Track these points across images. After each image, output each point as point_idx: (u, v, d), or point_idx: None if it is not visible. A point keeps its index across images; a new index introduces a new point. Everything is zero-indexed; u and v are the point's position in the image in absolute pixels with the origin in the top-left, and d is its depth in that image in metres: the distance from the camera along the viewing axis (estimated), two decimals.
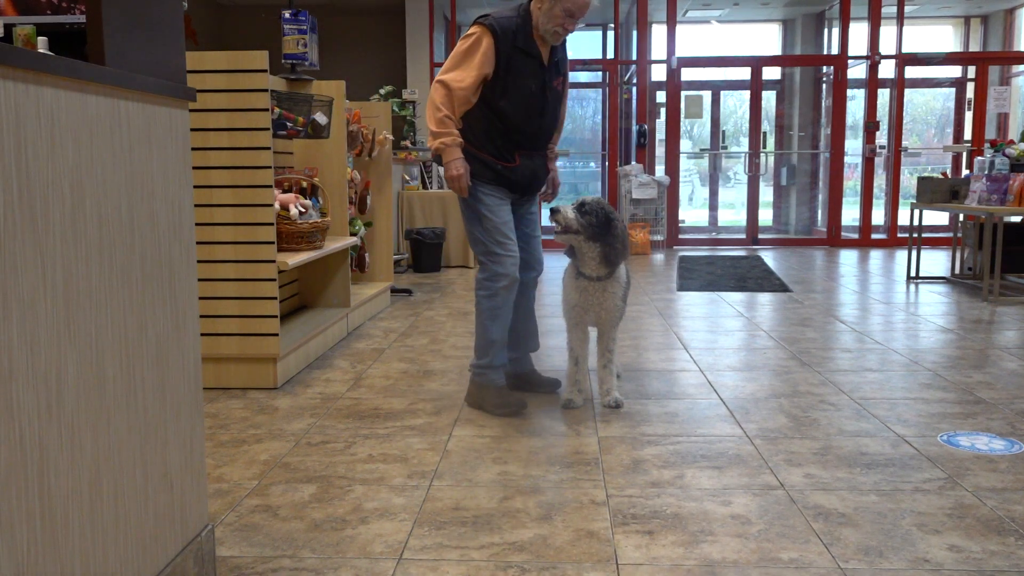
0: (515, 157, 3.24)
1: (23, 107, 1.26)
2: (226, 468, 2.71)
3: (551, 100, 3.28)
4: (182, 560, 1.78)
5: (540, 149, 3.35)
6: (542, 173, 3.39)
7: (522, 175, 3.28)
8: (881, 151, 10.80)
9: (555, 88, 3.29)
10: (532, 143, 3.28)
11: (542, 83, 3.22)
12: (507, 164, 3.23)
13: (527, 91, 3.18)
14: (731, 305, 5.94)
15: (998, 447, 2.86)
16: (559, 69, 3.30)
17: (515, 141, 3.23)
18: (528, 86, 3.17)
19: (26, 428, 1.26)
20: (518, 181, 3.27)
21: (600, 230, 3.16)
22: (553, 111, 3.32)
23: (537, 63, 3.19)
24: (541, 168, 3.37)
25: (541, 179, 3.40)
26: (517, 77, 3.16)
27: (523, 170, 3.27)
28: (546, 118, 3.28)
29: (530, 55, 3.17)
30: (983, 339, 4.67)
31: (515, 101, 3.17)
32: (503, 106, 3.17)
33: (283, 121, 4.05)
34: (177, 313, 1.77)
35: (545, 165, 3.41)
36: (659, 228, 10.25)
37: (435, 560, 2.06)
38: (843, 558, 2.05)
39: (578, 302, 3.29)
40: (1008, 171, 6.57)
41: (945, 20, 12.67)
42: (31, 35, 2.03)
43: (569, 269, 3.35)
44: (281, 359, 3.73)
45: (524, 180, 3.29)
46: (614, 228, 3.17)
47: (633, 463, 2.72)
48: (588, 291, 3.26)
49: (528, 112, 3.21)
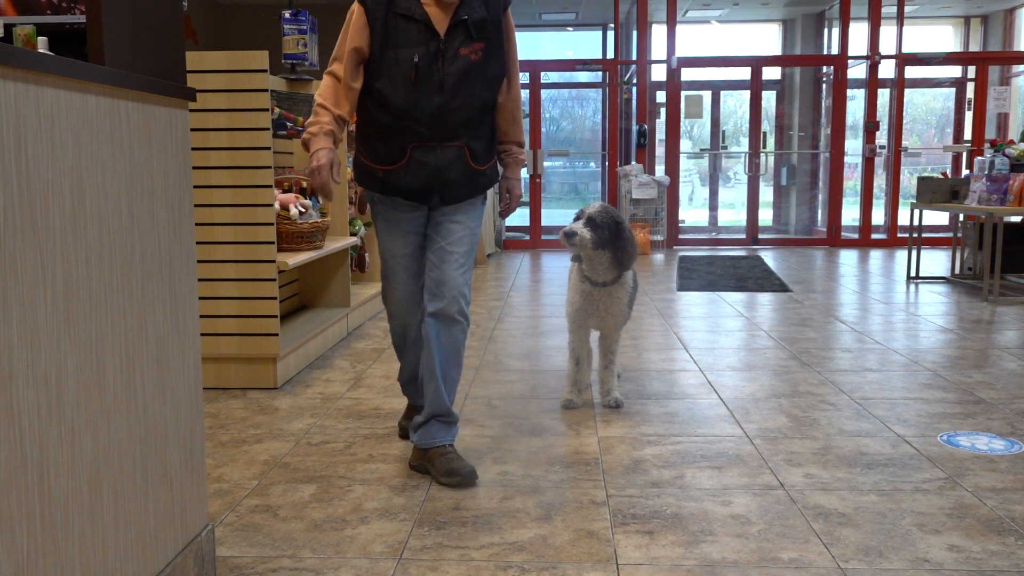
0: (405, 152, 2.54)
1: (23, 107, 1.26)
2: (226, 468, 2.71)
3: (455, 71, 2.50)
4: (182, 560, 1.78)
5: (451, 139, 2.55)
6: (459, 171, 2.58)
7: (415, 176, 2.55)
8: (881, 151, 10.80)
9: (463, 57, 2.51)
10: (432, 130, 2.52)
11: (435, 51, 2.49)
12: (388, 167, 2.56)
13: (408, 63, 2.48)
14: (731, 305, 5.94)
15: (998, 447, 2.86)
16: (474, 32, 2.53)
17: (404, 130, 2.53)
18: (409, 56, 2.48)
19: (26, 428, 1.26)
20: (411, 185, 2.56)
21: (612, 238, 3.12)
22: (460, 85, 2.52)
23: (423, 27, 2.49)
24: (456, 165, 2.57)
25: (457, 180, 2.59)
26: (396, 48, 2.50)
27: (416, 169, 2.55)
28: (447, 95, 2.50)
29: (412, 19, 2.49)
30: (983, 339, 4.67)
31: (394, 77, 2.50)
32: (380, 87, 2.52)
33: (283, 121, 4.05)
34: (177, 313, 1.77)
35: (464, 160, 2.58)
36: (659, 228, 10.25)
37: (435, 560, 2.06)
38: (843, 558, 2.05)
39: (582, 306, 3.27)
40: (1008, 171, 6.57)
41: (945, 20, 12.67)
42: (31, 35, 2.03)
43: (575, 270, 3.32)
44: (281, 359, 3.73)
45: (420, 183, 2.56)
46: (623, 232, 3.13)
47: (633, 463, 2.72)
48: (593, 296, 3.24)
49: (416, 90, 2.49)
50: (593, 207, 3.12)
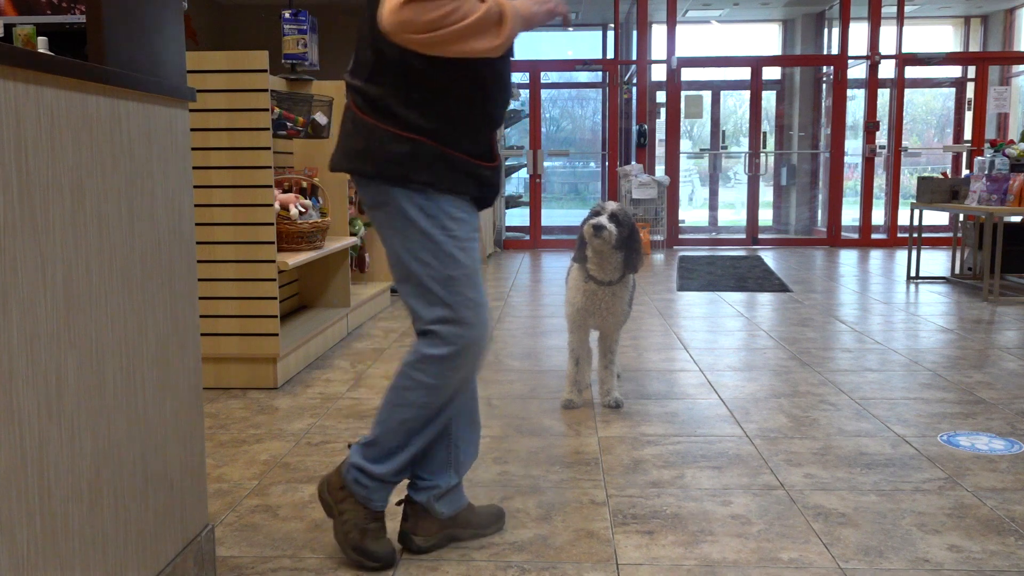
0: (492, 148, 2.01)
1: (23, 107, 1.26)
2: (226, 468, 2.71)
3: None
4: (182, 560, 1.78)
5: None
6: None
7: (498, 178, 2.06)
8: (881, 151, 10.80)
9: None
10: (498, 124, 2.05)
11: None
12: (489, 164, 1.99)
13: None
14: (731, 305, 5.94)
15: (998, 447, 2.86)
16: None
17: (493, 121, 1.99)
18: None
19: (26, 428, 1.26)
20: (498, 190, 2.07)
21: (628, 238, 3.14)
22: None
23: None
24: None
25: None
26: None
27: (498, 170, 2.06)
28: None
29: None
30: (983, 339, 4.67)
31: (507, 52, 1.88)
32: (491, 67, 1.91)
33: (283, 121, 4.05)
34: (177, 313, 1.77)
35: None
36: (659, 228, 10.25)
37: (435, 560, 2.06)
38: (843, 558, 2.05)
39: (584, 306, 3.26)
40: (1008, 171, 6.57)
41: (945, 20, 12.67)
42: (31, 35, 2.03)
43: (575, 271, 3.32)
44: (281, 359, 3.73)
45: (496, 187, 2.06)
46: (636, 234, 3.17)
47: (633, 463, 2.72)
48: (597, 295, 3.24)
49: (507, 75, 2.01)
50: (613, 205, 3.13)
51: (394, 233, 1.93)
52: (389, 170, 1.88)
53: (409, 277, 1.94)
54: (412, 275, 1.93)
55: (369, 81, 1.89)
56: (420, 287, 1.93)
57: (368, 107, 1.90)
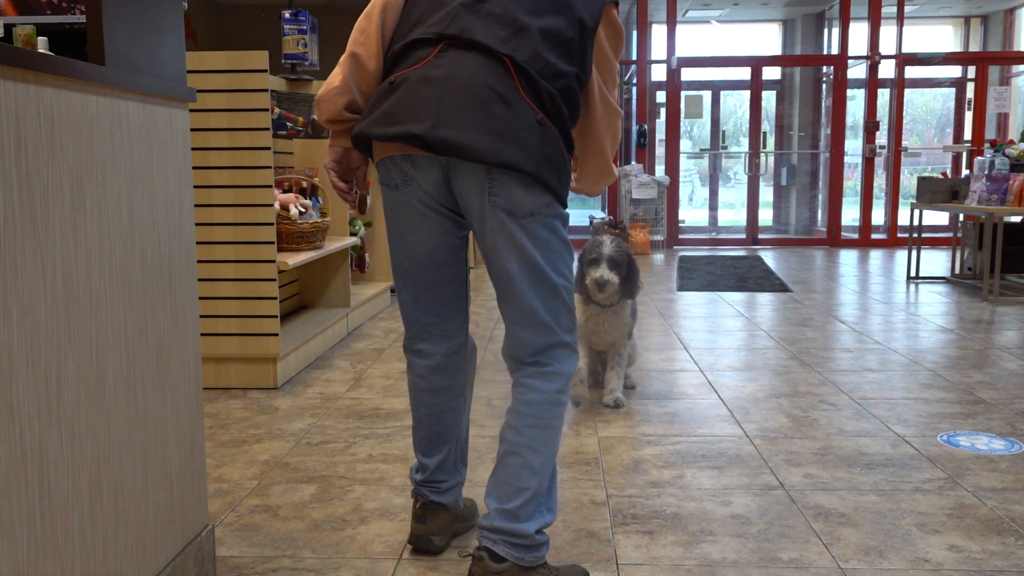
0: None
1: (23, 107, 1.26)
2: (226, 468, 2.71)
3: None
4: (182, 560, 1.78)
5: None
6: None
7: None
8: (881, 151, 10.81)
9: None
10: None
11: None
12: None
13: None
14: (731, 305, 5.94)
15: (998, 447, 2.86)
16: None
17: None
18: None
19: (26, 428, 1.26)
20: None
21: (627, 272, 3.22)
22: None
23: None
24: None
25: None
26: None
27: None
28: None
29: None
30: (983, 339, 4.67)
31: None
32: None
33: (283, 121, 4.05)
34: (177, 313, 1.77)
35: None
36: (659, 228, 10.25)
37: (435, 560, 2.06)
38: (843, 558, 2.05)
39: (585, 324, 3.35)
40: (1008, 171, 6.57)
41: (945, 20, 12.67)
42: (31, 35, 2.03)
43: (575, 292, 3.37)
44: (281, 359, 3.73)
45: None
46: (633, 264, 3.24)
47: (633, 463, 2.72)
48: (599, 316, 3.33)
49: None
50: (607, 246, 3.16)
51: (537, 244, 1.81)
52: (566, 187, 1.84)
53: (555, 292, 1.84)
54: (555, 289, 1.84)
55: (561, 95, 1.82)
56: (559, 300, 1.85)
57: (558, 119, 1.81)
